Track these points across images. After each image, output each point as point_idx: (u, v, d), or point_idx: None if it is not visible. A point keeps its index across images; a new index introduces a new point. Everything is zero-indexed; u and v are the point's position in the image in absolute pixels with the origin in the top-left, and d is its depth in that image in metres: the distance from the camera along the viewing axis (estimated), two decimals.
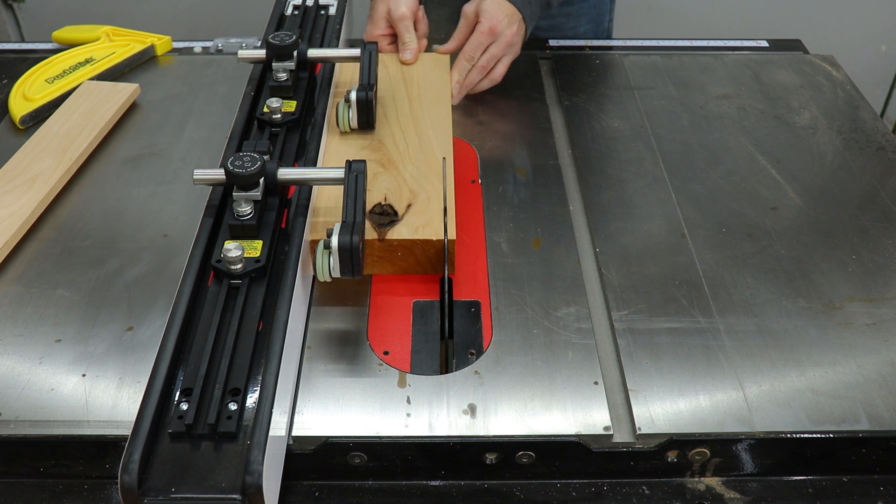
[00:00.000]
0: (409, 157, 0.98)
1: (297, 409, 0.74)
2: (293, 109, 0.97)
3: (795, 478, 0.75)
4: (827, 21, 2.38)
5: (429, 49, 1.21)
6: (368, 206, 0.88)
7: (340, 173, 0.83)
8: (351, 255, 0.77)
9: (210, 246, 0.78)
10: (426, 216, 0.88)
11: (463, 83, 1.15)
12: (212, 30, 2.30)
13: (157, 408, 0.64)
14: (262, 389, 0.66)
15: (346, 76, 1.11)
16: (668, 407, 0.75)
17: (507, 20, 1.14)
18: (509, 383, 0.77)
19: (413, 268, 0.87)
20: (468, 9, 1.16)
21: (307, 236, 0.84)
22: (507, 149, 1.09)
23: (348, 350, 0.80)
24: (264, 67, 1.04)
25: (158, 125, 1.13)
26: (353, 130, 1.01)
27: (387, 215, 0.88)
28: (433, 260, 0.87)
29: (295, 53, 1.02)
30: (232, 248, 0.75)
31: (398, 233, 0.86)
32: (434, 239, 0.85)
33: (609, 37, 1.53)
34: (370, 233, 0.85)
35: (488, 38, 1.14)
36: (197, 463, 0.62)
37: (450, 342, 0.82)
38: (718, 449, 0.73)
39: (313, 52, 1.05)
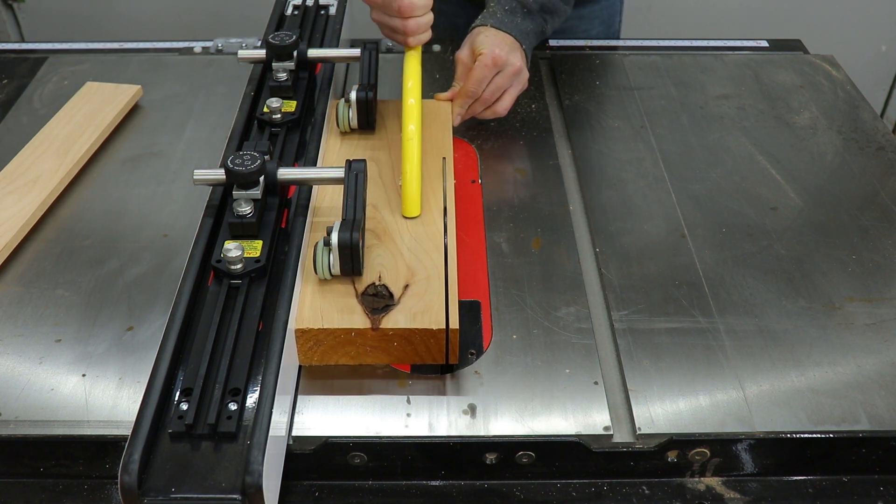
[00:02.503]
0: (406, 226, 0.88)
1: (297, 409, 0.74)
2: (293, 109, 0.97)
3: (795, 478, 0.75)
4: (827, 21, 2.38)
5: (426, 95, 1.03)
6: (361, 286, 0.80)
7: (340, 173, 0.83)
8: (351, 253, 0.77)
9: (210, 246, 0.78)
10: (425, 300, 0.78)
11: (464, 115, 1.07)
12: (212, 30, 2.30)
13: (157, 408, 0.64)
14: (262, 389, 0.66)
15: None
16: (668, 407, 0.75)
17: (508, 48, 1.05)
18: (509, 383, 0.77)
19: (411, 357, 0.78)
20: (462, 53, 1.07)
21: (307, 236, 0.84)
22: (507, 149, 1.09)
23: None
24: (264, 67, 1.04)
25: (158, 125, 1.13)
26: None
27: (381, 298, 0.78)
28: (433, 350, 0.77)
29: (295, 53, 1.02)
30: (232, 248, 0.75)
31: (394, 320, 0.76)
32: (435, 328, 0.75)
33: (616, 38, 1.53)
34: (363, 320, 0.76)
35: (492, 69, 1.03)
36: (197, 463, 0.62)
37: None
38: (718, 449, 0.73)
39: (313, 52, 1.05)
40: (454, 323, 0.76)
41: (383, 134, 1.02)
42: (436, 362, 0.78)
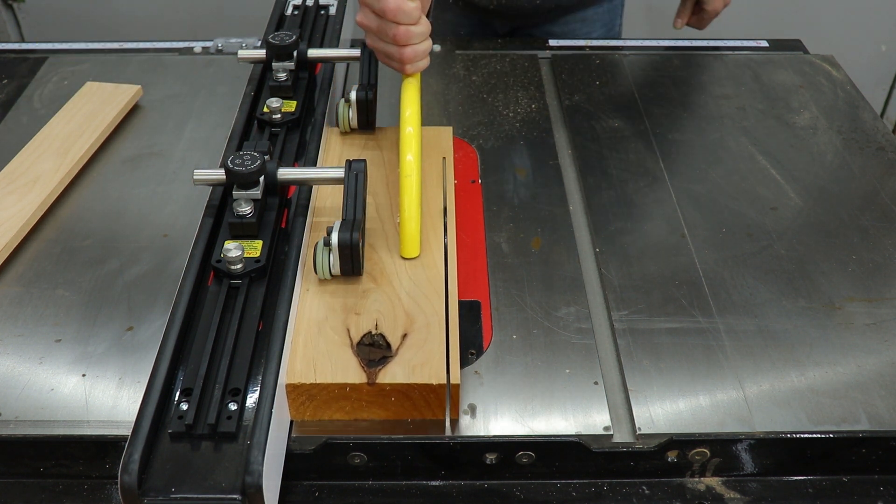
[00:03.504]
0: (404, 268, 0.83)
1: None
2: (293, 109, 0.97)
3: (795, 478, 0.75)
4: (827, 21, 2.38)
5: (431, 120, 1.04)
6: (357, 335, 0.75)
7: (340, 173, 0.83)
8: (351, 253, 0.77)
9: (210, 246, 0.78)
10: (425, 351, 0.73)
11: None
12: (212, 30, 2.30)
13: (157, 408, 0.64)
14: (262, 389, 0.66)
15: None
16: (668, 407, 0.75)
17: None
18: (509, 383, 0.77)
19: (409, 412, 0.73)
20: None
21: (307, 236, 0.84)
22: (507, 149, 1.09)
23: None
24: (264, 67, 1.04)
25: (158, 125, 1.13)
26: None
27: (378, 348, 0.73)
28: (433, 405, 0.73)
29: (295, 53, 1.02)
30: (232, 248, 0.75)
31: (392, 374, 0.71)
32: (435, 384, 0.71)
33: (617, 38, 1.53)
34: (358, 374, 0.71)
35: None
36: (197, 463, 0.62)
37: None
38: (718, 449, 0.73)
39: (313, 52, 1.05)
40: (455, 377, 0.72)
41: (381, 164, 0.97)
42: (436, 417, 0.73)
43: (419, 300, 0.79)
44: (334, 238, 0.77)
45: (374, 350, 0.73)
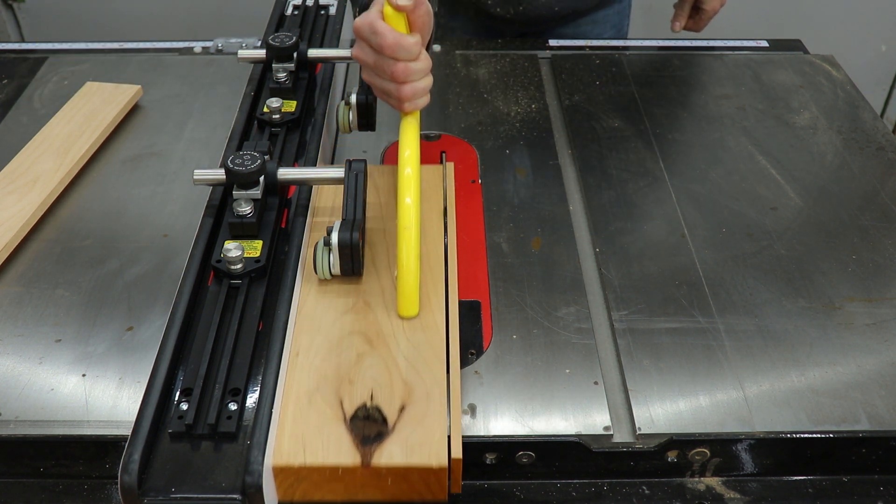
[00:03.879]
0: (402, 329, 0.76)
1: None
2: (293, 109, 0.97)
3: (795, 478, 0.75)
4: (827, 21, 2.38)
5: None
6: (350, 407, 0.68)
7: (340, 173, 0.83)
8: (351, 253, 0.77)
9: (210, 246, 0.78)
10: (425, 427, 0.67)
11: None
12: (212, 30, 2.30)
13: (157, 408, 0.64)
14: (262, 389, 0.66)
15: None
16: (668, 407, 0.75)
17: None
18: (509, 383, 0.77)
19: (407, 495, 0.66)
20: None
21: (307, 236, 0.84)
22: (507, 149, 1.09)
23: None
24: (264, 67, 1.04)
25: (158, 125, 1.13)
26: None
27: (374, 423, 0.67)
28: (433, 488, 0.66)
29: (295, 55, 1.02)
30: (232, 248, 0.75)
31: (388, 454, 0.64)
32: (436, 466, 0.64)
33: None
34: (351, 454, 0.65)
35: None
36: (197, 463, 0.62)
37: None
38: (718, 449, 0.73)
39: (313, 53, 1.05)
40: (457, 451, 0.66)
41: (378, 212, 0.90)
42: (436, 499, 0.67)
43: (418, 367, 0.72)
44: (334, 238, 0.77)
45: (369, 424, 0.67)
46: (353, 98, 0.98)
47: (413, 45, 0.77)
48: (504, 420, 0.73)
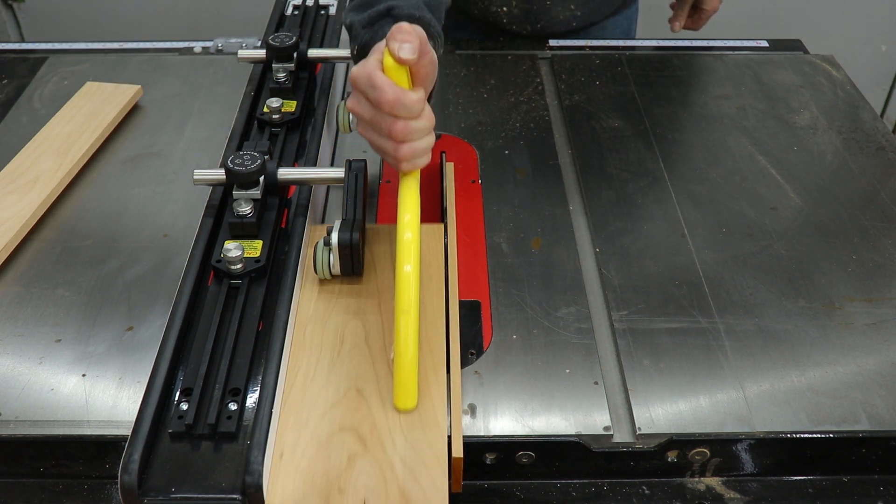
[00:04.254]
0: (399, 424, 0.67)
1: None
2: (293, 109, 0.97)
3: (795, 478, 0.75)
4: (827, 21, 2.38)
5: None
6: None
7: (340, 173, 0.83)
8: (351, 253, 0.77)
9: (210, 246, 0.78)
10: None
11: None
12: (212, 30, 2.30)
13: (157, 408, 0.64)
14: (262, 389, 0.66)
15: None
16: (668, 407, 0.75)
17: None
18: (509, 383, 0.77)
19: None
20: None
21: (307, 236, 0.84)
22: (507, 149, 1.09)
23: None
24: (264, 67, 1.04)
25: (158, 125, 1.13)
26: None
27: None
28: None
29: (295, 55, 1.02)
30: (232, 248, 0.75)
31: None
32: None
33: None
34: None
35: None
36: (197, 463, 0.62)
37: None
38: (718, 449, 0.73)
39: (313, 53, 1.05)
40: (457, 451, 0.64)
41: (373, 278, 0.82)
42: None
43: (416, 472, 0.64)
44: (334, 238, 0.77)
45: None
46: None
47: (415, 102, 0.70)
48: (504, 420, 0.73)
